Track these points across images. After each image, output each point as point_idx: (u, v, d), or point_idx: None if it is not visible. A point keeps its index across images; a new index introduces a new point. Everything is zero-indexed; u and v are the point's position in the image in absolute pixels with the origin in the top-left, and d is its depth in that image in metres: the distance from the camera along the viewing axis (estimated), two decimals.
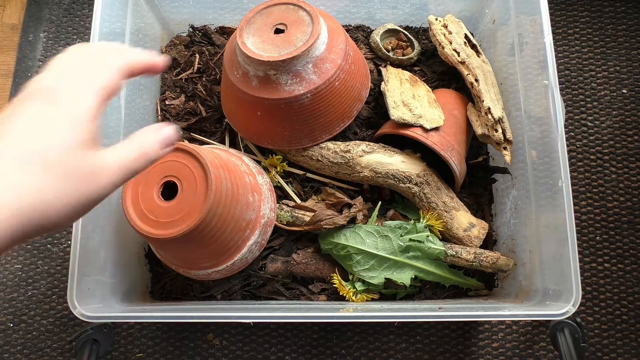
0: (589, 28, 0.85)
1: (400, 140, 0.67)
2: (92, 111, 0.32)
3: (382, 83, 0.69)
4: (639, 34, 0.85)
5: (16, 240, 0.28)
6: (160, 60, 0.37)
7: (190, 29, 0.80)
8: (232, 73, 0.63)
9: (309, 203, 0.68)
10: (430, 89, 0.71)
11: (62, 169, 0.30)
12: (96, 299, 0.57)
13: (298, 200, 0.69)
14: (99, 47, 0.36)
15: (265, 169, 0.69)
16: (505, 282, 0.69)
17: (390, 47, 0.77)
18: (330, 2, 0.77)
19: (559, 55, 0.84)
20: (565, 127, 0.72)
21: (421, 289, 0.68)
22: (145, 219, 0.53)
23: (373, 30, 0.78)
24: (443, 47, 0.71)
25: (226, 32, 0.80)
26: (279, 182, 0.69)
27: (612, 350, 0.73)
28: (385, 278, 0.64)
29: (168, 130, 0.35)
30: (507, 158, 0.65)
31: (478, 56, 0.70)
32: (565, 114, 0.80)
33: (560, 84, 0.82)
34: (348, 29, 0.80)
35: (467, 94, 0.72)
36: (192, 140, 0.73)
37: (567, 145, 0.79)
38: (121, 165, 0.33)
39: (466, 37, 0.72)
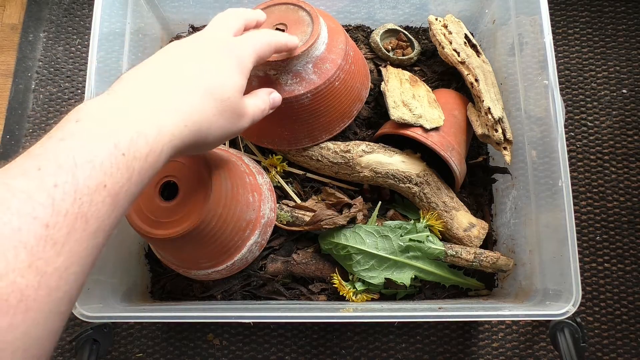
0: (589, 28, 0.86)
1: (400, 140, 0.67)
2: (250, 67, 0.43)
3: (382, 83, 0.69)
4: (639, 34, 0.85)
5: (181, 150, 0.36)
6: (295, 42, 0.53)
7: (190, 29, 0.80)
8: None
9: (309, 203, 0.68)
10: (430, 89, 0.71)
11: (227, 105, 0.39)
12: (96, 299, 0.57)
13: (298, 200, 0.69)
14: (258, 21, 0.50)
15: (265, 169, 0.69)
16: (505, 282, 0.69)
17: (390, 47, 0.77)
18: (330, 2, 0.77)
19: (559, 55, 0.84)
20: (565, 127, 0.72)
21: (421, 289, 0.68)
22: (145, 219, 0.53)
23: (373, 30, 0.78)
24: (443, 47, 0.71)
25: None
26: (279, 182, 0.69)
27: (612, 350, 0.73)
28: (385, 278, 0.64)
29: (276, 95, 0.50)
30: (507, 158, 0.65)
31: (478, 56, 0.70)
32: (565, 114, 0.80)
33: (560, 84, 0.82)
34: (348, 29, 0.80)
35: (467, 94, 0.72)
36: None
37: (567, 145, 0.79)
38: (254, 114, 0.45)
39: (466, 37, 0.72)
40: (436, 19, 0.73)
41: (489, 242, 0.71)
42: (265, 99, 0.47)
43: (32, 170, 0.27)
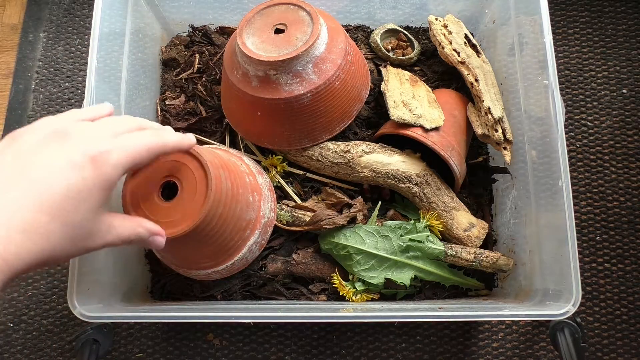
0: (589, 28, 0.85)
1: (400, 140, 0.67)
2: (117, 179, 0.36)
3: (382, 83, 0.69)
4: (639, 34, 0.85)
5: (19, 276, 0.32)
6: (189, 142, 0.45)
7: (190, 29, 0.80)
8: (232, 73, 0.63)
9: (309, 203, 0.68)
10: (430, 89, 0.71)
11: (72, 227, 0.33)
12: (96, 299, 0.57)
13: (298, 200, 0.69)
14: (139, 124, 0.41)
15: (265, 169, 0.69)
16: (505, 282, 0.69)
17: (390, 47, 0.77)
18: (330, 2, 0.77)
19: (559, 55, 0.84)
20: (565, 127, 0.72)
21: (421, 289, 0.68)
22: (145, 219, 0.53)
23: (373, 30, 0.78)
24: (443, 47, 0.71)
25: (226, 32, 0.80)
26: (279, 182, 0.69)
27: (612, 350, 0.73)
28: (385, 278, 0.64)
29: (158, 240, 0.44)
30: (507, 158, 0.65)
31: (478, 56, 0.70)
32: (565, 114, 0.80)
33: (560, 84, 0.82)
34: (348, 29, 0.80)
35: (467, 94, 0.72)
36: None
37: (567, 145, 0.79)
38: (113, 240, 0.38)
39: (466, 37, 0.72)
40: (436, 19, 0.73)
41: (489, 242, 0.71)
42: (139, 232, 0.41)
43: None
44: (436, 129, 0.65)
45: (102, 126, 0.38)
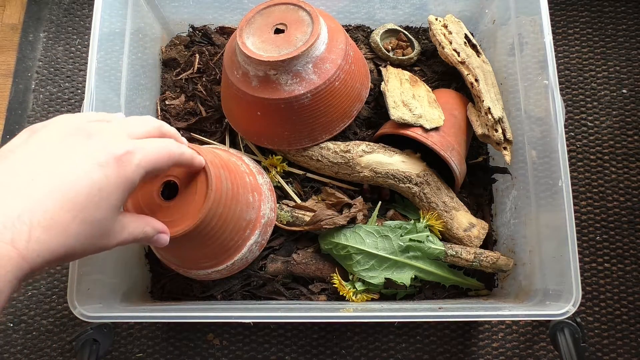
0: (589, 28, 0.86)
1: (400, 140, 0.67)
2: (137, 183, 0.36)
3: (382, 83, 0.69)
4: (639, 34, 0.85)
5: (36, 272, 0.32)
6: (200, 162, 0.47)
7: (190, 29, 0.80)
8: (232, 73, 0.63)
9: (309, 203, 0.68)
10: (430, 89, 0.71)
11: (91, 225, 0.34)
12: (96, 299, 0.57)
13: (298, 200, 0.69)
14: (160, 124, 0.41)
15: (265, 169, 0.69)
16: (505, 282, 0.69)
17: (390, 47, 0.77)
18: (330, 2, 0.77)
19: (559, 55, 0.84)
20: (565, 127, 0.72)
21: (421, 289, 0.68)
22: None
23: (373, 30, 0.78)
24: (443, 47, 0.71)
25: (226, 32, 0.80)
26: (279, 182, 0.69)
27: (612, 350, 0.73)
28: (385, 278, 0.64)
29: (163, 238, 0.44)
30: (507, 158, 0.65)
31: (478, 56, 0.70)
32: (565, 114, 0.80)
33: (560, 84, 0.82)
34: (348, 29, 0.80)
35: (467, 94, 0.72)
36: (192, 140, 0.73)
37: (567, 145, 0.79)
38: (127, 238, 0.38)
39: (466, 37, 0.72)
40: (436, 19, 0.73)
41: (489, 242, 0.71)
42: (146, 231, 0.42)
43: None
44: (436, 129, 0.65)
45: (125, 126, 0.38)
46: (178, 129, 0.72)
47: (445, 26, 0.72)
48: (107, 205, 0.34)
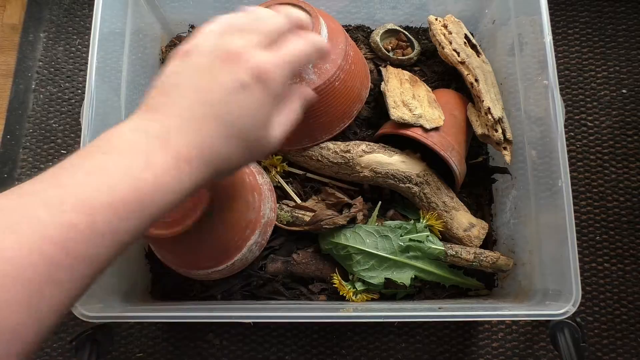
0: (589, 28, 0.85)
1: (400, 140, 0.67)
2: (281, 91, 0.37)
3: (382, 83, 0.69)
4: (639, 34, 0.85)
5: (206, 182, 0.35)
6: (326, 46, 0.43)
7: (190, 29, 0.80)
8: None
9: (309, 203, 0.68)
10: (430, 89, 0.71)
11: (246, 141, 0.36)
12: (96, 299, 0.57)
13: (298, 200, 0.69)
14: (285, 17, 0.41)
15: (266, 169, 0.69)
16: (505, 282, 0.69)
17: (390, 47, 0.77)
18: (330, 2, 0.77)
19: (559, 55, 0.84)
20: (565, 127, 0.72)
21: (421, 289, 0.68)
22: None
23: (373, 30, 0.78)
24: (443, 47, 0.71)
25: None
26: (279, 182, 0.69)
27: (612, 350, 0.73)
28: (385, 278, 0.64)
29: (306, 91, 0.44)
30: (507, 158, 0.65)
31: (478, 56, 0.70)
32: (565, 114, 0.80)
33: (560, 84, 0.82)
34: (348, 29, 0.80)
35: (467, 94, 0.72)
36: None
37: (567, 145, 0.79)
38: (280, 137, 0.40)
39: (466, 37, 0.72)
40: (436, 19, 0.73)
41: (489, 242, 0.71)
42: (292, 109, 0.42)
43: (54, 203, 0.27)
44: (436, 129, 0.65)
45: (261, 36, 0.38)
46: None
47: (445, 26, 0.72)
48: (259, 124, 0.36)
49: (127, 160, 0.30)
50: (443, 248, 0.64)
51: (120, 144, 0.31)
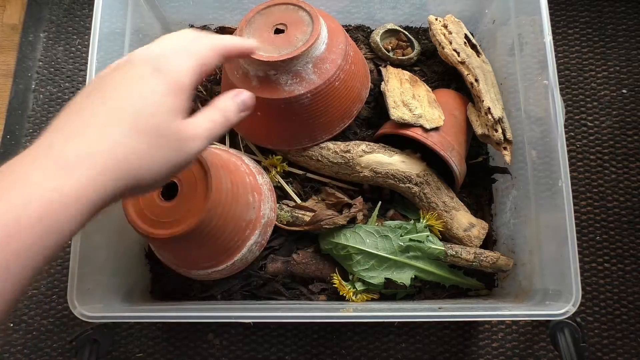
0: (589, 28, 0.85)
1: (400, 140, 0.67)
2: (190, 82, 0.35)
3: (382, 83, 0.69)
4: (639, 34, 0.85)
5: (116, 196, 0.31)
6: (250, 44, 0.43)
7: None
8: (232, 73, 0.63)
9: (309, 203, 0.68)
10: (430, 89, 0.71)
11: (160, 134, 0.33)
12: (96, 299, 0.57)
13: (298, 200, 0.69)
14: (198, 33, 0.40)
15: (265, 169, 0.69)
16: (505, 282, 0.69)
17: (390, 47, 0.77)
18: (330, 2, 0.77)
19: (559, 55, 0.84)
20: (565, 127, 0.72)
21: (421, 289, 0.68)
22: (145, 219, 0.53)
23: (373, 30, 0.78)
24: (443, 47, 0.71)
25: (226, 32, 0.80)
26: (279, 182, 0.69)
27: (612, 350, 0.73)
28: (385, 278, 0.64)
29: (244, 95, 0.40)
30: (507, 158, 0.65)
31: (478, 56, 0.70)
32: (565, 114, 0.80)
33: (560, 84, 0.82)
34: (348, 29, 0.80)
35: (467, 94, 0.72)
36: None
37: (567, 145, 0.79)
38: (208, 132, 0.36)
39: (466, 37, 0.72)
40: (436, 19, 0.73)
41: (489, 242, 0.71)
42: (225, 107, 0.39)
43: None
44: (436, 129, 0.65)
45: (161, 43, 0.38)
46: None
47: (445, 26, 0.72)
48: (162, 112, 0.34)
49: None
50: (443, 248, 0.64)
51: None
